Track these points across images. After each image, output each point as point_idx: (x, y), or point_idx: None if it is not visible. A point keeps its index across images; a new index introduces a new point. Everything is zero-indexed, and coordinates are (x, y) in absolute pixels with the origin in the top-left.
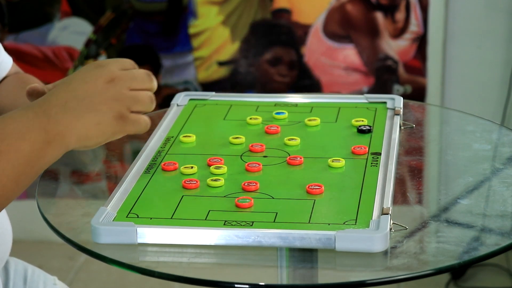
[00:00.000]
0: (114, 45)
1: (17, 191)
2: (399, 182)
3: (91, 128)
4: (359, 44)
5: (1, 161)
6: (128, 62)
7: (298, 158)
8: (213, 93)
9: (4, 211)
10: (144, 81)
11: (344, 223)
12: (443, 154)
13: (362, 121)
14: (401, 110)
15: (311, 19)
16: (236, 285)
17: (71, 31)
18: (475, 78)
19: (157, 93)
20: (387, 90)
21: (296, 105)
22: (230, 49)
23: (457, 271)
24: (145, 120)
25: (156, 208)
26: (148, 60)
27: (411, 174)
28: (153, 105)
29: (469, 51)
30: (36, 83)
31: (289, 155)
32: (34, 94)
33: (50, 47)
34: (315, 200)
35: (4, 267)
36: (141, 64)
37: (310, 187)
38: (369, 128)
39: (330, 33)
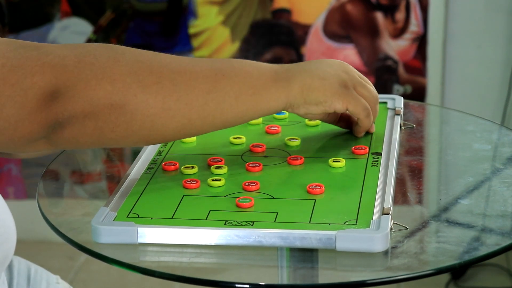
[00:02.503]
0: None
1: (234, 110)
2: (400, 182)
3: (315, 80)
4: (359, 44)
5: (231, 74)
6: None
7: (299, 158)
8: None
9: (7, 209)
10: (372, 88)
11: (344, 223)
12: (443, 154)
13: None
14: (402, 110)
15: (311, 19)
16: (236, 285)
17: (71, 31)
18: (475, 78)
19: None
20: (387, 90)
21: None
22: (230, 49)
23: (457, 271)
24: (366, 104)
25: (157, 208)
26: None
27: (412, 174)
28: (376, 104)
29: (469, 51)
30: None
31: (290, 155)
32: None
33: None
34: (315, 200)
35: (8, 266)
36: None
37: (311, 187)
38: None
39: (330, 33)
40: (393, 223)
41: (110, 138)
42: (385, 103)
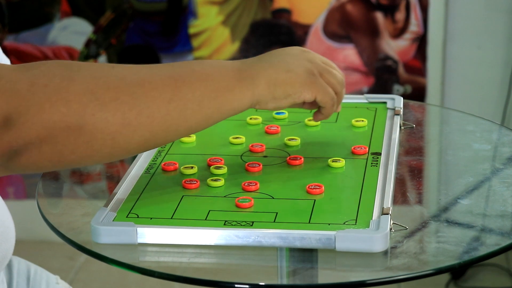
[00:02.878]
0: (114, 45)
1: (197, 116)
2: (399, 182)
3: (281, 74)
4: (359, 44)
5: (192, 79)
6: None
7: (298, 158)
8: None
9: (6, 209)
10: (338, 72)
11: (344, 223)
12: (443, 154)
13: (362, 121)
14: (401, 110)
15: (311, 19)
16: (236, 285)
17: (71, 31)
18: (475, 78)
19: None
20: (387, 90)
21: None
22: (230, 49)
23: (457, 271)
24: (333, 94)
25: (156, 208)
26: (148, 60)
27: (411, 174)
28: (342, 89)
29: (469, 51)
30: None
31: (289, 155)
32: None
33: (50, 47)
34: (315, 200)
35: (7, 266)
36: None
37: (310, 187)
38: None
39: (330, 33)
40: (393, 223)
41: (71, 160)
42: (385, 103)
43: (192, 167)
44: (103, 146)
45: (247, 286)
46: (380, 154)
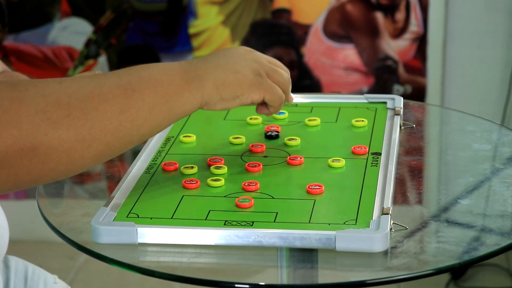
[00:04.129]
0: (114, 45)
1: (150, 123)
2: (399, 182)
3: (229, 75)
4: (359, 44)
5: (141, 87)
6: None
7: (298, 158)
8: None
9: None
10: (284, 70)
11: (344, 223)
12: (443, 154)
13: (362, 121)
14: (401, 110)
15: (311, 19)
16: (236, 285)
17: (71, 31)
18: (475, 78)
19: None
20: (387, 90)
21: (296, 105)
22: None
23: (457, 271)
24: (282, 93)
25: (156, 208)
26: (148, 60)
27: (411, 174)
28: (289, 86)
29: (469, 51)
30: None
31: (289, 155)
32: None
33: (50, 47)
34: (315, 200)
35: (4, 266)
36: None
37: (310, 187)
38: (276, 133)
39: (330, 33)
40: (393, 223)
41: (27, 181)
42: (385, 103)
43: (192, 167)
44: (58, 164)
45: (247, 286)
46: (380, 154)
